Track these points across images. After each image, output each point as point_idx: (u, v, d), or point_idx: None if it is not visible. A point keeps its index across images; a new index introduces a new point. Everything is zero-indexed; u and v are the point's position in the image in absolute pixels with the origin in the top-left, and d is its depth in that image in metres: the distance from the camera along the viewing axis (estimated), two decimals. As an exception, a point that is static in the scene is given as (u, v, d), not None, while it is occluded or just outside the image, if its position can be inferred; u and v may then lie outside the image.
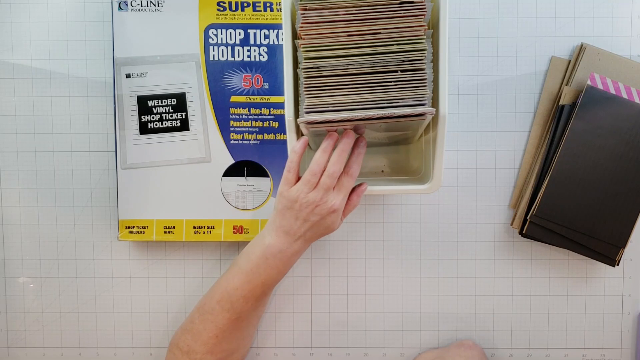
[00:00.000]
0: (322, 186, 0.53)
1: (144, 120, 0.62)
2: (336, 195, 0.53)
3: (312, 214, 0.53)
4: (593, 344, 0.67)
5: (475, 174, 0.66)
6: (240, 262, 0.58)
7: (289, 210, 0.54)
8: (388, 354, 0.68)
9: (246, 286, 0.57)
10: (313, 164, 0.52)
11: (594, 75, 0.61)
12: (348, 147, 0.53)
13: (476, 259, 0.66)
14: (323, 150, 0.52)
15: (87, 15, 0.65)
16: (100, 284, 0.67)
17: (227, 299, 0.57)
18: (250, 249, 0.58)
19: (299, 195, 0.53)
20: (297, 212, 0.53)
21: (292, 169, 0.54)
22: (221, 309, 0.57)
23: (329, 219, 0.54)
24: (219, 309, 0.58)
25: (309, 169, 0.53)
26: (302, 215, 0.53)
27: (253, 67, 0.62)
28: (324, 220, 0.54)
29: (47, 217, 0.67)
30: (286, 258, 0.56)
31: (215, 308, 0.58)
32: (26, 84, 0.66)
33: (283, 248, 0.55)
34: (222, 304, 0.57)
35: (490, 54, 0.65)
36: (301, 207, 0.53)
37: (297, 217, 0.54)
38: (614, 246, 0.61)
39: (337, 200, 0.53)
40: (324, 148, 0.52)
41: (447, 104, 0.50)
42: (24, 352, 0.68)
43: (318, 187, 0.53)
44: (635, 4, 0.64)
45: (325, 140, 0.52)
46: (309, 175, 0.53)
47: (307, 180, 0.53)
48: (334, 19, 0.47)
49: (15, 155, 0.66)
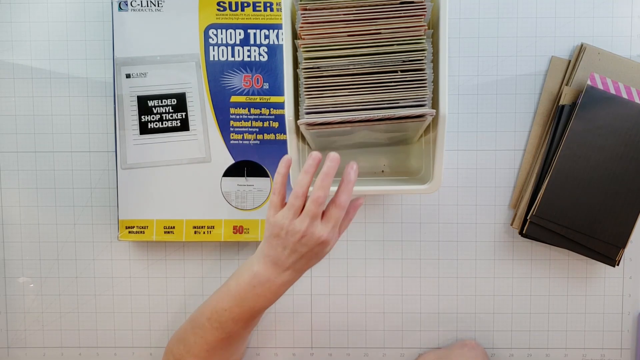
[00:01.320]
0: (307, 213, 0.50)
1: (144, 120, 0.62)
2: (324, 226, 0.50)
3: (299, 244, 0.50)
4: (593, 344, 0.67)
5: (475, 174, 0.66)
6: (231, 283, 0.56)
7: (276, 238, 0.51)
8: (388, 354, 0.68)
9: (235, 309, 0.55)
10: (296, 185, 0.50)
11: (594, 75, 0.61)
12: (332, 170, 0.50)
13: (476, 259, 0.66)
14: (305, 171, 0.50)
15: (87, 15, 0.65)
16: (100, 284, 0.67)
17: (217, 319, 0.56)
18: (240, 272, 0.56)
19: (284, 222, 0.50)
20: (284, 240, 0.51)
21: (277, 191, 0.52)
22: (211, 327, 0.56)
23: (318, 250, 0.51)
24: (208, 327, 0.56)
25: (292, 191, 0.50)
26: (290, 244, 0.51)
27: (253, 67, 0.62)
28: (313, 251, 0.51)
29: (47, 217, 0.67)
30: (275, 287, 0.53)
31: (205, 325, 0.56)
32: (26, 84, 0.66)
33: (271, 278, 0.53)
34: (211, 322, 0.56)
35: (490, 54, 0.65)
36: (287, 235, 0.50)
37: (284, 247, 0.51)
38: (614, 246, 0.61)
39: (324, 232, 0.50)
40: (305, 169, 0.50)
41: (447, 104, 0.50)
42: (24, 352, 0.68)
43: (303, 213, 0.50)
44: (635, 4, 0.64)
45: (307, 161, 0.50)
46: (292, 198, 0.50)
47: (292, 205, 0.50)
48: (334, 19, 0.47)
49: (15, 155, 0.66)
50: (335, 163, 0.50)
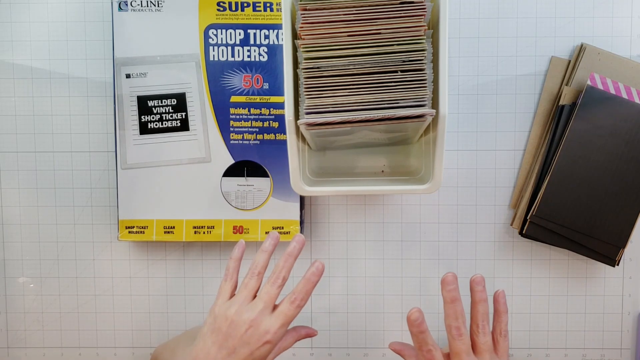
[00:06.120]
0: (261, 297, 0.47)
1: (144, 120, 0.62)
2: (274, 320, 0.46)
3: (241, 342, 0.45)
4: (593, 344, 0.67)
5: (475, 174, 0.66)
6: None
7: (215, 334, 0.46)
8: (388, 354, 0.68)
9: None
10: (252, 265, 0.48)
11: (594, 75, 0.61)
12: (295, 251, 0.48)
13: (476, 259, 0.66)
14: (263, 250, 0.48)
15: (87, 15, 0.65)
16: (100, 284, 0.67)
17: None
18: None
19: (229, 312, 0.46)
20: (224, 336, 0.46)
21: (230, 277, 0.49)
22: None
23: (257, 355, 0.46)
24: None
25: (249, 270, 0.48)
26: (229, 343, 0.46)
27: (253, 67, 0.62)
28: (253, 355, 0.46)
29: (47, 217, 0.67)
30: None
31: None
32: (26, 84, 0.66)
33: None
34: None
35: (490, 54, 0.65)
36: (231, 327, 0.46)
37: (220, 346, 0.46)
38: (614, 246, 0.61)
39: (273, 327, 0.46)
40: (264, 248, 0.48)
41: (447, 104, 0.50)
42: (24, 352, 0.68)
43: (257, 298, 0.47)
44: (635, 4, 0.64)
45: (266, 240, 0.49)
46: (247, 278, 0.48)
47: (245, 285, 0.48)
48: (334, 19, 0.47)
49: (15, 155, 0.66)
50: (300, 244, 0.48)
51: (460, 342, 0.48)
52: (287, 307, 0.48)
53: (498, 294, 0.51)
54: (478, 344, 0.48)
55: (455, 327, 0.48)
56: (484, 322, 0.49)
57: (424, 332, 0.48)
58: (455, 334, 0.48)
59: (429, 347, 0.48)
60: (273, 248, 0.50)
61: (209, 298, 0.67)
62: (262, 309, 0.47)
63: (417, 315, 0.47)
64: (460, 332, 0.48)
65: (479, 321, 0.48)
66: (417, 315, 0.47)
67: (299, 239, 0.49)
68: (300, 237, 0.49)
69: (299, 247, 0.49)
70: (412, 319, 0.47)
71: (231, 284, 0.50)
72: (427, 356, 0.48)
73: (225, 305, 0.48)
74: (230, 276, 0.50)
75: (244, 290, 0.49)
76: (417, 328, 0.47)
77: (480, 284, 0.49)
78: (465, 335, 0.48)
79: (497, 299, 0.51)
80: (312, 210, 0.67)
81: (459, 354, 0.48)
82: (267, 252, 0.49)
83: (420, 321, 0.47)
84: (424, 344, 0.48)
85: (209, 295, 0.67)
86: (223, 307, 0.48)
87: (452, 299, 0.48)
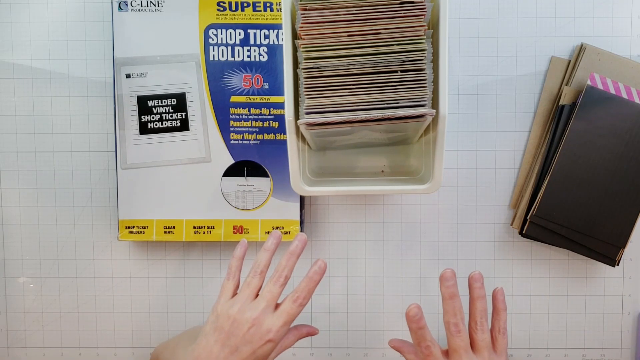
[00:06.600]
0: (264, 296, 0.47)
1: (144, 120, 0.62)
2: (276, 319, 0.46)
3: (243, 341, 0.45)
4: (593, 344, 0.67)
5: (475, 174, 0.66)
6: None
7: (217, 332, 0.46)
8: (388, 354, 0.68)
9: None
10: (254, 264, 0.48)
11: (594, 75, 0.61)
12: (297, 250, 0.48)
13: (476, 259, 0.66)
14: (265, 249, 0.48)
15: (87, 15, 0.65)
16: (100, 284, 0.67)
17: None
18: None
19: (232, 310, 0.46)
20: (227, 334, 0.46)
21: (232, 276, 0.49)
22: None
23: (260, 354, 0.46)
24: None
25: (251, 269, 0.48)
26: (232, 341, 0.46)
27: (253, 67, 0.62)
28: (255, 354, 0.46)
29: (47, 217, 0.67)
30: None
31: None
32: (26, 84, 0.66)
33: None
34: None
35: (490, 54, 0.65)
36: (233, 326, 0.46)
37: (223, 344, 0.46)
38: (613, 246, 0.61)
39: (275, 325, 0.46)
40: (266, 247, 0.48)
41: (447, 104, 0.50)
42: (24, 352, 0.68)
43: (260, 297, 0.47)
44: (635, 4, 0.64)
45: (268, 239, 0.49)
46: (250, 277, 0.48)
47: (247, 284, 0.48)
48: (334, 19, 0.47)
49: (15, 155, 0.66)
50: (302, 243, 0.48)
51: (459, 338, 0.48)
52: (289, 305, 0.48)
53: (497, 292, 0.51)
54: (476, 341, 0.48)
55: (453, 323, 0.48)
56: (482, 319, 0.49)
57: (423, 328, 0.48)
58: (454, 331, 0.47)
59: (428, 343, 0.48)
60: (275, 247, 0.50)
61: (209, 298, 0.67)
62: (265, 307, 0.47)
63: (415, 311, 0.47)
64: (459, 329, 0.48)
65: (478, 318, 0.48)
66: (415, 311, 0.47)
67: (301, 238, 0.49)
68: (303, 236, 0.49)
69: (301, 245, 0.49)
70: (411, 314, 0.47)
71: (234, 283, 0.50)
72: (425, 352, 0.48)
73: (227, 303, 0.48)
74: (232, 275, 0.50)
75: (247, 289, 0.49)
76: (415, 324, 0.47)
77: (479, 281, 0.49)
78: (463, 332, 0.48)
79: (496, 296, 0.51)
80: (312, 210, 0.67)
81: (457, 350, 0.48)
82: (270, 251, 0.49)
83: (419, 317, 0.47)
84: (422, 339, 0.48)
85: (209, 295, 0.67)
86: (225, 305, 0.48)
87: (450, 295, 0.48)
